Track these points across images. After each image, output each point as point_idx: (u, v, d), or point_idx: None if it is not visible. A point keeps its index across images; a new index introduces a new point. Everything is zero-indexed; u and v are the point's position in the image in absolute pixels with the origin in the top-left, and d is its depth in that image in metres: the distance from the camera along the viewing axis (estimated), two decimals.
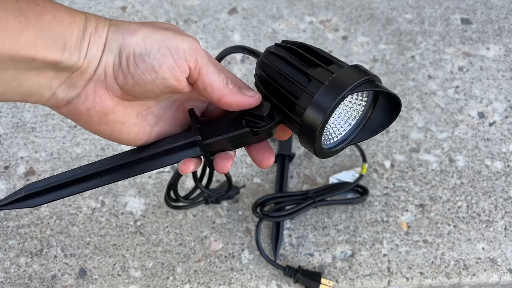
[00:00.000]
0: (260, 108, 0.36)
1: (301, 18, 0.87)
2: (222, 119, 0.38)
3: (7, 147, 0.71)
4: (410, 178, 0.70)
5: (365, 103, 0.37)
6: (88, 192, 0.68)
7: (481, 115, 0.77)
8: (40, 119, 0.74)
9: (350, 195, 0.68)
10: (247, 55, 0.44)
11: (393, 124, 0.75)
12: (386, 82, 0.79)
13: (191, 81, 0.34)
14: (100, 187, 0.68)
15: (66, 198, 0.67)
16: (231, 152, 0.38)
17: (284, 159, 0.69)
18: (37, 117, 0.74)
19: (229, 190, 0.56)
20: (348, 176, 0.68)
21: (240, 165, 0.70)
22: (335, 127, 0.37)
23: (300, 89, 0.33)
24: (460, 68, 0.82)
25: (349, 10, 0.88)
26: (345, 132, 0.38)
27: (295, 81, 0.34)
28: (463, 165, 0.71)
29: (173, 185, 0.55)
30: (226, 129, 0.37)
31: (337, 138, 0.38)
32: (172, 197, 0.56)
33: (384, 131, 0.74)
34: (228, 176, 0.54)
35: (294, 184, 0.69)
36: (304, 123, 0.33)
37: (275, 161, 0.70)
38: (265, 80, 0.36)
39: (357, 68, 0.33)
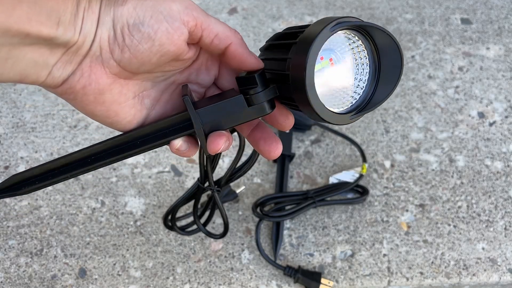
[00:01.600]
0: (251, 72, 0.34)
1: (301, 18, 0.87)
2: (217, 95, 0.37)
3: (7, 147, 0.71)
4: (410, 178, 0.70)
5: (365, 53, 0.35)
6: (88, 192, 0.68)
7: (481, 115, 0.77)
8: (40, 119, 0.74)
9: (350, 195, 0.68)
10: None
11: (393, 124, 0.75)
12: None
13: (195, 40, 0.33)
14: (100, 187, 0.68)
15: (66, 198, 0.67)
16: (225, 131, 0.36)
17: (284, 159, 0.69)
18: (37, 117, 0.74)
19: (224, 235, 0.55)
20: (348, 176, 0.68)
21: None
22: (345, 87, 0.36)
23: (286, 52, 0.33)
24: (460, 68, 0.82)
25: (349, 10, 0.88)
26: (362, 90, 0.36)
27: (283, 50, 0.34)
28: (463, 165, 0.71)
29: (172, 211, 0.54)
30: (219, 99, 0.35)
31: (354, 100, 0.36)
32: (168, 224, 0.56)
33: (384, 131, 0.74)
34: (225, 221, 0.53)
35: (294, 184, 0.69)
36: (293, 73, 0.32)
37: (275, 161, 0.70)
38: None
39: (323, 18, 0.33)
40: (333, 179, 0.68)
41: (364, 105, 0.36)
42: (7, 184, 0.35)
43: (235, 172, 0.49)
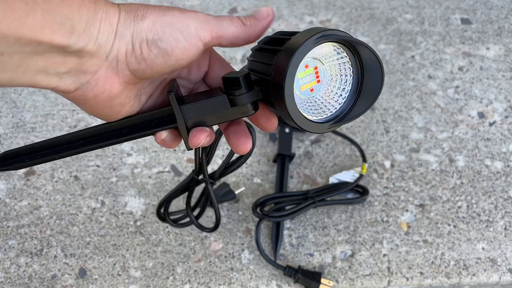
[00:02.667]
0: (236, 73, 0.36)
1: (301, 18, 0.87)
2: (202, 92, 0.38)
3: (7, 147, 0.71)
4: (410, 178, 0.70)
5: (350, 65, 0.36)
6: (88, 192, 0.68)
7: (481, 115, 0.77)
8: (40, 119, 0.74)
9: (350, 195, 0.68)
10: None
11: (393, 124, 0.75)
12: (386, 82, 0.79)
13: (208, 49, 0.35)
14: (100, 187, 0.68)
15: (66, 198, 0.67)
16: (207, 128, 0.37)
17: (284, 159, 0.69)
18: (37, 117, 0.74)
19: (215, 228, 0.56)
20: (348, 176, 0.68)
21: None
22: (327, 98, 0.37)
23: (271, 57, 0.34)
24: (460, 68, 0.82)
25: (349, 10, 0.88)
26: (343, 101, 0.37)
27: (269, 55, 0.35)
28: (463, 165, 0.71)
29: (165, 202, 0.54)
30: (204, 97, 0.36)
31: (332, 112, 0.37)
32: (161, 215, 0.57)
33: (384, 131, 0.74)
34: (217, 215, 0.54)
35: (294, 184, 0.69)
36: (274, 79, 0.33)
37: (275, 161, 0.70)
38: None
39: (310, 28, 0.34)
40: (333, 179, 0.69)
41: (342, 117, 0.37)
42: None
43: (229, 166, 0.51)
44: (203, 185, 0.53)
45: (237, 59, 0.81)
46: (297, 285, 0.61)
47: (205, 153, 0.48)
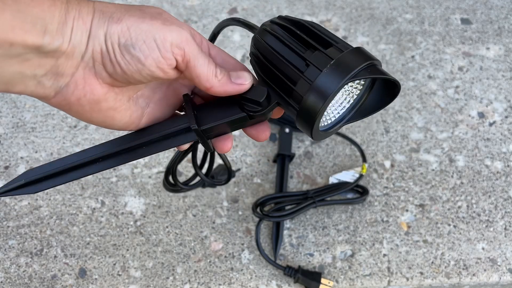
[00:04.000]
0: (256, 93, 0.35)
1: (301, 18, 0.87)
2: (218, 103, 0.37)
3: (7, 147, 0.71)
4: (410, 178, 0.70)
5: (362, 86, 0.36)
6: (88, 192, 0.68)
7: (481, 115, 0.77)
8: (40, 119, 0.74)
9: (350, 195, 0.68)
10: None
11: (393, 124, 0.75)
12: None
13: (180, 70, 0.34)
14: (100, 187, 0.68)
15: (66, 198, 0.67)
16: (229, 133, 0.38)
17: (284, 159, 0.69)
18: (37, 117, 0.74)
19: (229, 179, 0.54)
20: (348, 176, 0.68)
21: (240, 165, 0.70)
22: (330, 110, 0.37)
23: (297, 75, 0.33)
24: (460, 68, 0.82)
25: (349, 10, 0.88)
26: (339, 114, 0.37)
27: (292, 66, 0.33)
28: (463, 165, 0.71)
29: (171, 169, 0.52)
30: (222, 115, 0.36)
31: (331, 120, 0.37)
32: (171, 181, 0.54)
33: (384, 131, 0.74)
34: (228, 166, 0.52)
35: (294, 184, 0.69)
36: (302, 109, 0.33)
37: (275, 161, 0.70)
38: (260, 61, 0.35)
39: (357, 52, 0.32)
40: (333, 179, 0.68)
41: (334, 125, 0.37)
42: (23, 184, 0.36)
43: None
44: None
45: (237, 59, 0.81)
46: (297, 285, 0.61)
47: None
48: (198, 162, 0.51)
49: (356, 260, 0.63)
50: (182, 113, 0.40)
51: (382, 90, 0.36)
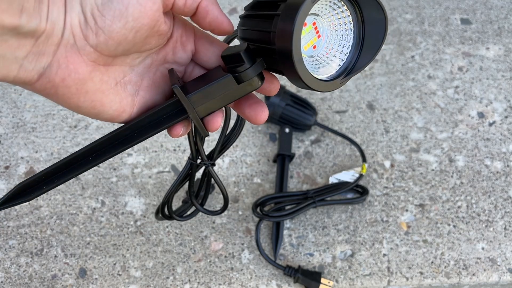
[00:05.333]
0: (236, 48, 0.34)
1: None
2: (203, 75, 0.37)
3: (8, 147, 0.71)
4: (410, 178, 0.70)
5: (350, 17, 0.35)
6: (89, 192, 0.68)
7: (481, 115, 0.77)
8: (40, 119, 0.74)
9: (350, 195, 0.68)
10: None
11: (393, 124, 0.75)
12: (386, 82, 0.79)
13: (168, 7, 0.32)
14: (100, 187, 0.68)
15: (67, 198, 0.67)
16: (219, 110, 0.36)
17: (284, 159, 0.69)
18: (37, 117, 0.74)
19: (225, 209, 0.54)
20: (348, 176, 0.68)
21: (240, 165, 0.70)
22: (331, 53, 0.36)
23: (269, 23, 0.33)
24: (460, 68, 0.82)
25: None
26: (345, 56, 0.36)
27: (265, 20, 0.33)
28: (463, 165, 0.72)
29: (168, 200, 0.52)
30: (207, 80, 0.35)
31: (339, 66, 0.36)
32: (166, 214, 0.54)
33: (384, 131, 0.74)
34: (224, 194, 0.52)
35: (294, 184, 0.69)
36: (279, 47, 0.32)
37: (275, 161, 0.70)
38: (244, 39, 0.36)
39: None
40: (333, 179, 0.69)
41: (350, 70, 0.36)
42: (15, 192, 0.35)
43: (226, 141, 0.49)
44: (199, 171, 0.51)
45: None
46: (297, 285, 0.62)
47: (198, 137, 0.45)
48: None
49: (356, 260, 0.63)
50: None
51: (373, 16, 0.35)
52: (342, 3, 0.34)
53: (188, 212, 0.56)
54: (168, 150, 0.72)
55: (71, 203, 0.67)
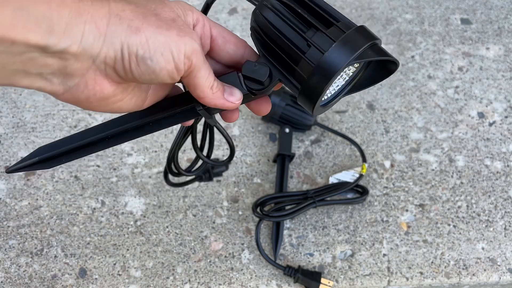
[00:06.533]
0: (259, 73, 0.36)
1: None
2: (222, 81, 0.39)
3: (7, 147, 0.71)
4: (410, 178, 0.70)
5: (359, 64, 0.36)
6: (89, 192, 0.68)
7: (481, 115, 0.77)
8: (40, 119, 0.74)
9: (350, 195, 0.68)
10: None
11: (393, 124, 0.75)
12: (386, 82, 0.79)
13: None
14: (100, 187, 0.68)
15: (66, 198, 0.67)
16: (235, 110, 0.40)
17: (284, 159, 0.69)
18: (38, 117, 0.74)
19: (231, 158, 0.53)
20: (348, 176, 0.68)
21: (240, 165, 0.70)
22: (332, 87, 0.37)
23: (299, 55, 0.33)
24: (460, 68, 0.82)
25: (349, 10, 0.89)
26: (338, 86, 0.37)
27: (294, 45, 0.33)
28: (463, 165, 0.72)
29: (173, 156, 0.51)
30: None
31: (329, 95, 0.37)
32: (174, 171, 0.53)
33: (384, 131, 0.74)
34: (231, 144, 0.52)
35: (294, 184, 0.69)
36: (304, 89, 0.33)
37: (275, 161, 0.70)
38: (261, 37, 0.35)
39: (359, 32, 0.32)
40: (333, 179, 0.69)
41: (332, 99, 0.38)
42: (36, 162, 0.37)
43: None
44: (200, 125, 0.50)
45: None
46: (297, 285, 0.62)
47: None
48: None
49: (356, 260, 0.63)
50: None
51: (379, 67, 0.36)
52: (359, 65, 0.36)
53: (196, 167, 0.55)
54: (168, 150, 0.72)
55: (71, 203, 0.67)
